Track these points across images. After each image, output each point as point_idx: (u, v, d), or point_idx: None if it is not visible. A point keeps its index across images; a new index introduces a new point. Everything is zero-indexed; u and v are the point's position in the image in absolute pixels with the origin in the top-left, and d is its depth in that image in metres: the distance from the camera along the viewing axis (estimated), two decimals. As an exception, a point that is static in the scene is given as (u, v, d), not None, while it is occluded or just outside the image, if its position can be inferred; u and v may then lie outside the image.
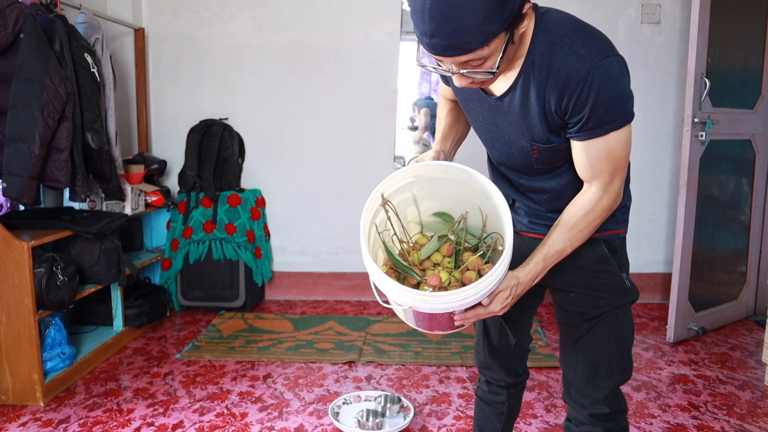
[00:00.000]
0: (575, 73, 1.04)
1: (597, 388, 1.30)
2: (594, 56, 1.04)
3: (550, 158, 1.19)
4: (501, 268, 1.08)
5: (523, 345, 1.47)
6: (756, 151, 3.05)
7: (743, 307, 3.18)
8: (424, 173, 1.20)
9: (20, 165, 2.25)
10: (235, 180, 3.47)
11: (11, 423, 2.14)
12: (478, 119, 1.25)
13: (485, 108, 1.20)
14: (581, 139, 1.11)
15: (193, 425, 2.12)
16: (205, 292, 3.33)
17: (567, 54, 1.05)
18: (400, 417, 2.12)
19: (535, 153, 1.18)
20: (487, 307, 1.13)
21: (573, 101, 1.06)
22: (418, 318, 1.21)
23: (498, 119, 1.19)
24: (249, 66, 3.45)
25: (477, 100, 1.22)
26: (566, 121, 1.10)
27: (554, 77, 1.07)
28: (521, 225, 1.34)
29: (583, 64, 1.04)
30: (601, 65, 1.04)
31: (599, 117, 1.06)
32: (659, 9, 3.33)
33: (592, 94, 1.04)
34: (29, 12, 2.29)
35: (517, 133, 1.18)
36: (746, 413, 2.18)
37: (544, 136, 1.14)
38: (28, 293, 2.21)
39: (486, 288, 1.08)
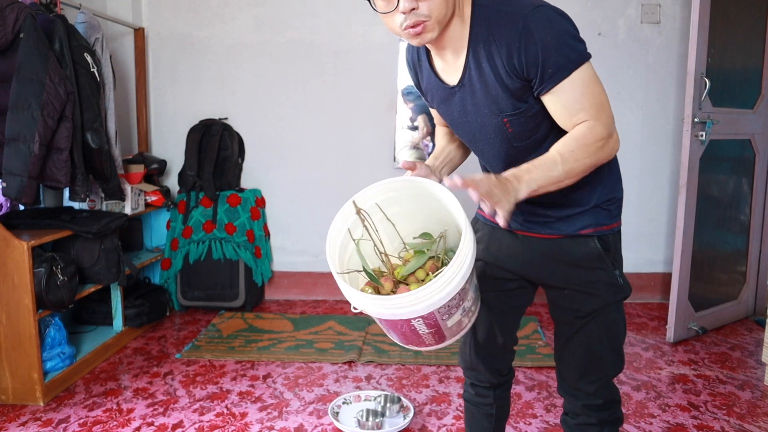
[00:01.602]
0: (513, 29, 1.08)
1: (590, 382, 1.32)
2: (524, 8, 1.08)
3: (524, 129, 1.19)
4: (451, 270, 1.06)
5: (508, 345, 1.47)
6: (756, 151, 3.05)
7: (743, 307, 3.18)
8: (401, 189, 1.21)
9: (20, 165, 2.25)
10: (235, 180, 3.47)
11: (11, 423, 2.14)
12: (454, 117, 1.27)
13: (454, 102, 1.23)
14: (548, 89, 1.10)
15: (193, 425, 2.12)
16: (205, 292, 3.33)
17: (502, 18, 1.10)
18: (400, 417, 2.12)
19: (508, 127, 1.19)
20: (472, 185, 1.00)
21: (522, 56, 1.08)
22: (387, 328, 1.20)
23: (467, 106, 1.21)
24: (249, 66, 3.45)
25: (446, 99, 1.25)
26: (526, 79, 1.11)
27: (497, 43, 1.10)
28: (516, 224, 1.33)
29: (517, 18, 1.07)
30: (534, 12, 1.07)
31: (554, 61, 1.07)
32: (659, 9, 3.33)
33: (536, 40, 1.06)
34: (29, 12, 2.29)
35: (485, 112, 1.19)
36: (746, 413, 2.18)
37: (510, 103, 1.15)
38: (28, 293, 2.21)
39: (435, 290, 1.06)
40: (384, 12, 1.10)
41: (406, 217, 1.27)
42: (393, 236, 1.28)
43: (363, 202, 1.22)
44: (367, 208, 1.23)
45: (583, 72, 1.10)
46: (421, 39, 1.12)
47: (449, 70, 1.22)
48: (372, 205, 1.23)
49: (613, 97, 3.57)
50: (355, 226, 1.23)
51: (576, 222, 1.27)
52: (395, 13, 1.09)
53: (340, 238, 1.23)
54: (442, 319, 1.14)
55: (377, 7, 1.11)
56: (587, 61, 1.11)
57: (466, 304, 1.18)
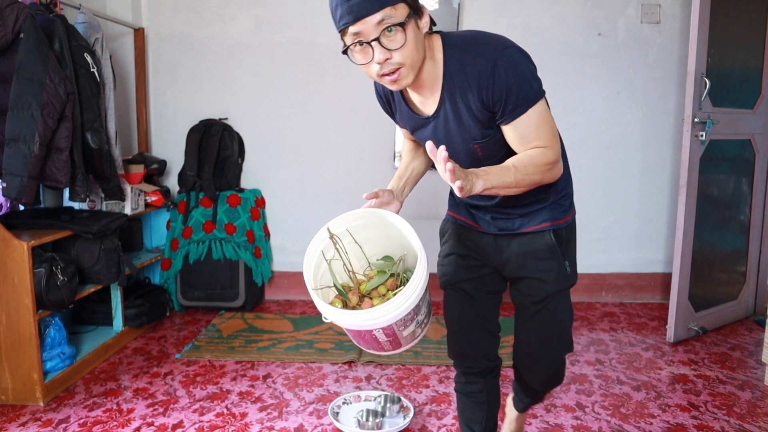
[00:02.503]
0: (484, 69, 1.23)
1: (543, 358, 1.53)
2: (494, 51, 1.24)
3: (492, 151, 1.36)
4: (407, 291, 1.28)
5: (493, 330, 1.58)
6: (756, 151, 3.05)
7: (743, 307, 3.18)
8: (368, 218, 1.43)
9: (20, 165, 2.25)
10: (235, 180, 3.47)
11: (11, 423, 2.14)
12: (427, 139, 1.39)
13: (429, 129, 1.38)
14: (508, 121, 1.27)
15: (192, 425, 2.12)
16: (205, 292, 3.33)
17: (474, 57, 1.25)
18: (400, 417, 2.12)
19: (478, 151, 1.36)
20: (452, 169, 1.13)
21: (491, 93, 1.24)
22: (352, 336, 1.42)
23: (439, 134, 1.37)
24: (249, 66, 3.45)
25: (422, 126, 1.40)
26: (493, 112, 1.28)
27: (470, 80, 1.26)
28: (484, 223, 1.51)
29: (488, 60, 1.23)
30: (502, 55, 1.23)
31: (515, 99, 1.24)
32: (659, 9, 3.33)
33: (502, 81, 1.22)
34: (29, 12, 2.29)
35: (458, 139, 1.35)
36: (746, 413, 2.18)
37: (480, 132, 1.32)
38: (28, 293, 2.21)
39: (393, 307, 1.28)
40: (361, 64, 1.24)
41: (372, 241, 1.49)
42: (360, 257, 1.50)
43: (335, 228, 1.45)
44: (339, 233, 1.45)
45: (538, 108, 1.27)
46: (398, 85, 1.26)
47: (425, 103, 1.36)
48: (343, 231, 1.45)
49: (613, 96, 3.60)
50: (328, 249, 1.46)
51: (536, 218, 1.45)
52: (372, 64, 1.22)
53: (314, 259, 1.45)
54: (399, 330, 1.38)
55: (356, 60, 1.24)
56: (542, 97, 1.28)
57: (419, 317, 1.41)
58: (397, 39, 1.19)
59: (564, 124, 3.48)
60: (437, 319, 3.19)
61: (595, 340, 2.91)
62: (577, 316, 3.29)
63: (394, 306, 1.29)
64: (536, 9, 3.35)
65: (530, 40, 3.37)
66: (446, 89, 1.30)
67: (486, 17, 3.36)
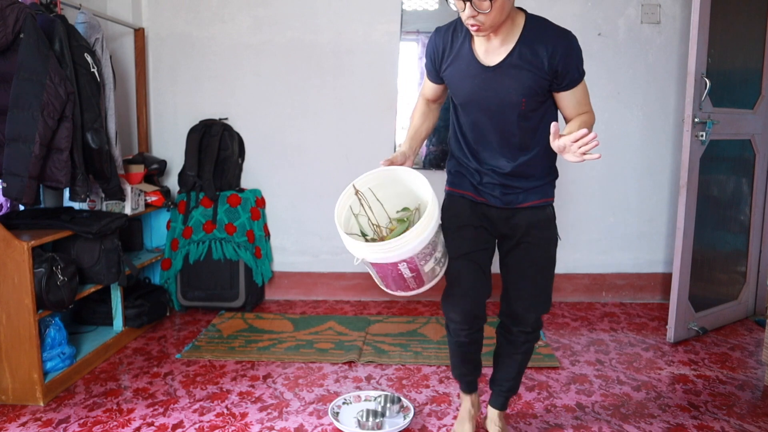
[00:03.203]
0: (562, 40, 1.59)
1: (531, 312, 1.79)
2: (569, 35, 1.61)
3: (534, 109, 1.65)
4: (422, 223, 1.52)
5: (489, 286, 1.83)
6: (756, 151, 3.05)
7: (743, 307, 3.18)
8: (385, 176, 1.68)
9: (20, 165, 2.25)
10: (235, 180, 3.47)
11: (11, 423, 2.14)
12: (474, 90, 1.67)
13: (482, 79, 1.64)
14: (570, 88, 1.64)
15: (193, 425, 2.12)
16: (205, 292, 3.33)
17: (553, 30, 1.61)
18: (400, 417, 2.12)
19: (523, 105, 1.63)
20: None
21: (563, 60, 1.58)
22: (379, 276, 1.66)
23: (493, 84, 1.63)
24: (249, 66, 3.45)
25: (473, 76, 1.66)
26: (555, 77, 1.60)
27: (546, 44, 1.58)
28: (494, 199, 1.76)
29: (566, 35, 1.60)
30: (574, 39, 1.61)
31: (576, 73, 1.62)
32: (659, 9, 3.33)
33: (574, 55, 1.60)
34: (29, 12, 2.29)
35: (511, 91, 1.62)
36: (746, 413, 2.18)
37: (535, 88, 1.61)
38: (28, 293, 2.21)
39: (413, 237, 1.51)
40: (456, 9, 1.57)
41: (389, 199, 1.73)
42: (381, 214, 1.74)
43: (360, 185, 1.68)
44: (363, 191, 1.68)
45: (584, 83, 1.67)
46: (478, 34, 1.59)
47: (491, 54, 1.63)
48: (366, 189, 1.68)
49: (613, 97, 3.60)
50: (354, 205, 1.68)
51: (535, 194, 1.75)
52: (464, 12, 1.53)
53: (344, 212, 1.66)
54: (420, 265, 1.60)
55: (454, 6, 1.57)
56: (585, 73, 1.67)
57: (437, 254, 1.65)
58: (484, 6, 1.49)
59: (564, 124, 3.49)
60: (437, 319, 3.19)
61: (595, 340, 2.91)
62: (577, 316, 3.29)
63: (413, 235, 1.51)
64: (536, 9, 3.31)
65: (530, 40, 3.38)
66: (519, 45, 1.59)
67: (486, 17, 3.36)
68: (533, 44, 1.58)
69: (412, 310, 3.38)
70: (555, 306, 3.46)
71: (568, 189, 3.50)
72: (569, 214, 3.52)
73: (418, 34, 3.44)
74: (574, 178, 3.48)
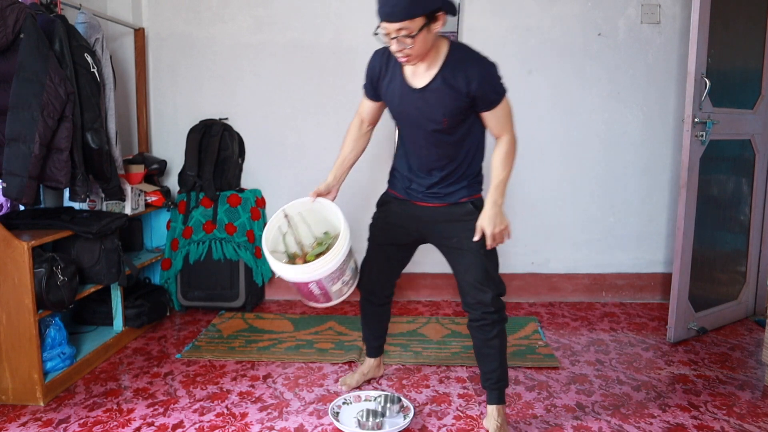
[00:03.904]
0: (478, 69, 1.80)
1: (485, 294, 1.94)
2: (485, 63, 1.82)
3: (452, 126, 1.87)
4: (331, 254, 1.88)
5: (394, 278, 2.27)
6: (756, 151, 3.05)
7: (743, 307, 3.18)
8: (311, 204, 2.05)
9: (20, 165, 2.25)
10: (235, 180, 3.47)
11: (11, 423, 2.14)
12: (404, 108, 1.91)
13: (410, 98, 1.87)
14: (490, 109, 1.86)
15: (193, 425, 2.12)
16: (205, 292, 3.33)
17: (472, 60, 1.82)
18: (400, 417, 2.12)
19: (445, 123, 1.86)
20: (493, 238, 1.88)
21: (478, 86, 1.79)
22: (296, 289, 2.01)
23: (419, 103, 1.86)
24: (249, 66, 3.45)
25: (403, 96, 1.89)
26: (474, 100, 1.82)
27: (465, 72, 1.79)
28: (418, 197, 2.02)
29: (482, 67, 1.81)
30: (490, 66, 1.82)
31: (494, 95, 1.84)
32: (659, 9, 3.33)
33: (488, 83, 1.81)
34: (29, 12, 2.29)
35: (435, 110, 1.85)
36: (746, 413, 2.18)
37: (455, 109, 1.84)
38: (28, 293, 2.21)
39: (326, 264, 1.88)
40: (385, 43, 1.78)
41: (318, 222, 2.08)
42: (308, 233, 2.10)
43: (290, 210, 2.03)
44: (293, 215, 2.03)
45: (505, 102, 1.88)
46: (406, 64, 1.82)
47: (417, 77, 1.86)
48: (296, 213, 2.04)
49: (613, 97, 3.60)
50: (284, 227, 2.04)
51: (458, 194, 1.97)
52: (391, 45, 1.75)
53: (272, 234, 2.01)
54: (328, 286, 1.94)
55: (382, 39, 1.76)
56: (506, 95, 1.88)
57: (345, 278, 1.99)
58: (408, 42, 1.70)
59: (564, 124, 3.51)
60: (437, 319, 3.19)
61: (595, 340, 2.91)
62: (577, 315, 3.29)
63: (320, 264, 1.86)
64: (536, 9, 3.35)
65: (530, 41, 3.37)
66: (443, 69, 1.81)
67: (486, 17, 3.36)
68: (454, 71, 1.80)
69: (412, 310, 3.38)
70: (555, 306, 3.46)
71: (568, 189, 3.50)
72: (569, 214, 3.52)
73: (418, 34, 3.44)
74: (574, 178, 3.48)
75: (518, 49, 3.37)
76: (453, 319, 3.20)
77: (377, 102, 2.04)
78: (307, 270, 1.87)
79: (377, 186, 2.38)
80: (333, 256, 1.87)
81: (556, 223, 3.53)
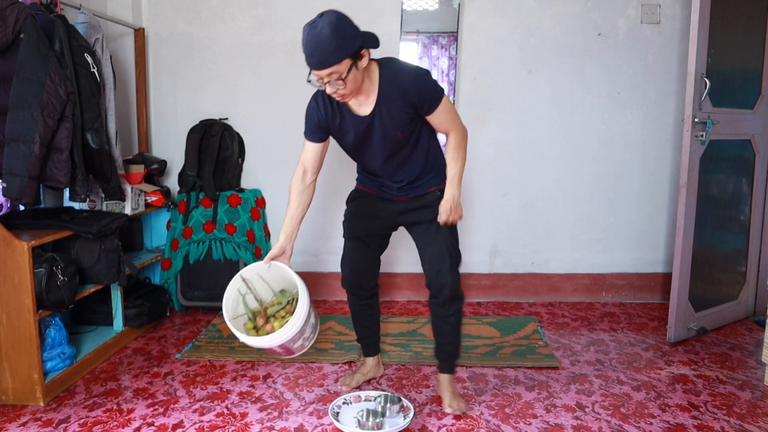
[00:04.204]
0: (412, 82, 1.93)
1: (446, 273, 2.09)
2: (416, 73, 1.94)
3: (409, 136, 2.03)
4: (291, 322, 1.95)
5: (375, 266, 2.33)
6: (756, 151, 3.05)
7: (743, 307, 3.18)
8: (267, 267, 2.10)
9: (20, 165, 2.25)
10: (235, 180, 3.47)
11: (11, 423, 2.14)
12: (359, 135, 2.02)
13: (362, 126, 1.99)
14: (432, 111, 1.98)
15: (193, 425, 2.12)
16: (205, 292, 3.33)
17: (403, 76, 1.94)
18: (400, 417, 2.12)
19: (400, 135, 2.00)
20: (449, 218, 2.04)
21: (418, 97, 1.93)
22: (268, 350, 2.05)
23: (372, 127, 1.99)
24: (249, 66, 3.45)
25: (358, 125, 2.00)
26: (417, 110, 1.96)
27: (400, 89, 1.92)
28: (391, 194, 2.17)
29: (414, 77, 1.94)
30: (421, 75, 1.94)
31: (432, 99, 1.96)
32: (659, 9, 3.33)
33: (424, 89, 1.94)
34: (29, 12, 2.29)
35: (388, 129, 1.98)
36: (746, 413, 2.18)
37: (405, 120, 1.98)
38: (28, 293, 2.21)
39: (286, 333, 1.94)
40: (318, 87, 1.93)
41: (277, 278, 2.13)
42: (267, 290, 2.16)
43: (246, 274, 2.12)
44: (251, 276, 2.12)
45: (445, 101, 1.99)
46: (343, 101, 1.94)
47: (362, 106, 1.98)
48: (254, 274, 2.12)
49: (613, 97, 3.60)
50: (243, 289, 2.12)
51: (427, 185, 2.13)
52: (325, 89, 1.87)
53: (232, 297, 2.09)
54: (289, 345, 2.00)
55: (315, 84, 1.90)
56: (444, 95, 2.00)
57: (305, 335, 2.04)
58: (340, 83, 1.82)
59: (564, 124, 3.51)
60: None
61: (595, 340, 2.91)
62: (577, 316, 3.29)
63: (282, 333, 1.94)
64: (536, 9, 3.35)
65: (530, 41, 3.38)
66: (381, 95, 1.94)
67: (486, 17, 3.36)
68: (391, 90, 1.92)
69: (412, 310, 3.38)
70: (555, 306, 3.46)
71: (568, 189, 3.50)
72: (569, 214, 3.52)
73: (418, 34, 3.44)
74: (573, 179, 3.48)
75: (518, 49, 3.37)
76: (453, 319, 3.20)
77: (322, 143, 2.11)
78: (272, 339, 1.94)
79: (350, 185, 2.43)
80: (294, 323, 1.94)
81: (556, 223, 3.53)
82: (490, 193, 3.51)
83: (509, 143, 3.47)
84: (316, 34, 1.80)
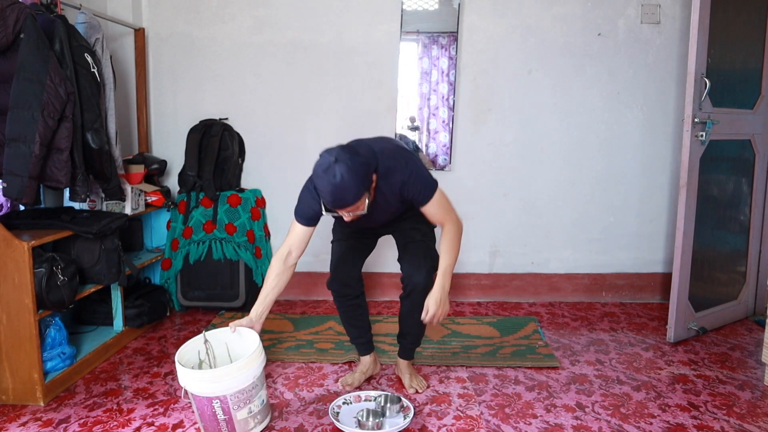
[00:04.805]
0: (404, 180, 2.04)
1: (422, 270, 2.19)
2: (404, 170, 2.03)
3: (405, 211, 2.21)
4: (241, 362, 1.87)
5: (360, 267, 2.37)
6: (756, 151, 3.05)
7: (743, 307, 3.18)
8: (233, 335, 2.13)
9: (20, 165, 2.25)
10: (235, 180, 3.47)
11: (11, 423, 2.14)
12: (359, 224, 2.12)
13: (361, 219, 2.05)
14: (424, 204, 2.09)
15: (193, 425, 2.12)
16: (205, 292, 3.33)
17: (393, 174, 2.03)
18: (400, 417, 2.12)
19: (395, 215, 2.20)
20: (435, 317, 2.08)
21: (408, 193, 2.07)
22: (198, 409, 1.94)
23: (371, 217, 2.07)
24: (249, 66, 3.45)
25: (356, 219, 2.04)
26: (410, 201, 2.09)
27: (393, 186, 2.04)
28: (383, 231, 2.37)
29: (404, 175, 2.03)
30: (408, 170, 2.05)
31: (423, 194, 2.07)
32: (659, 9, 3.33)
33: (414, 186, 2.05)
34: (29, 12, 2.29)
35: (386, 214, 2.16)
36: (746, 413, 2.18)
37: (401, 207, 2.16)
38: (28, 293, 2.21)
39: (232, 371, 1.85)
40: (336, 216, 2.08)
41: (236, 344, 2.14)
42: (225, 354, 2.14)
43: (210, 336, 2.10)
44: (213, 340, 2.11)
45: (438, 193, 2.10)
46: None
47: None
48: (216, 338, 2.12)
49: (613, 97, 3.60)
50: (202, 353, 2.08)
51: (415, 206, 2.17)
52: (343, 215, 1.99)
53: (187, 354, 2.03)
54: (233, 409, 1.87)
55: (334, 215, 2.06)
56: (437, 186, 2.11)
57: (252, 407, 1.92)
58: (358, 211, 1.94)
59: (564, 124, 3.51)
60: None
61: (595, 340, 2.91)
62: (577, 316, 3.29)
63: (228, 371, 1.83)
64: (536, 9, 3.36)
65: (530, 41, 3.38)
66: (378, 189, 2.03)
67: (486, 17, 3.36)
68: (385, 188, 2.04)
69: (412, 310, 3.38)
70: (555, 306, 3.46)
71: (568, 189, 3.50)
72: (569, 214, 3.52)
73: (418, 34, 3.44)
74: (573, 179, 3.48)
75: (518, 49, 3.37)
76: (453, 319, 3.20)
77: (312, 227, 2.17)
78: (213, 376, 1.81)
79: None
80: (244, 365, 1.86)
81: (556, 222, 3.53)
82: (490, 193, 3.51)
83: (509, 143, 3.47)
84: (337, 185, 1.85)
